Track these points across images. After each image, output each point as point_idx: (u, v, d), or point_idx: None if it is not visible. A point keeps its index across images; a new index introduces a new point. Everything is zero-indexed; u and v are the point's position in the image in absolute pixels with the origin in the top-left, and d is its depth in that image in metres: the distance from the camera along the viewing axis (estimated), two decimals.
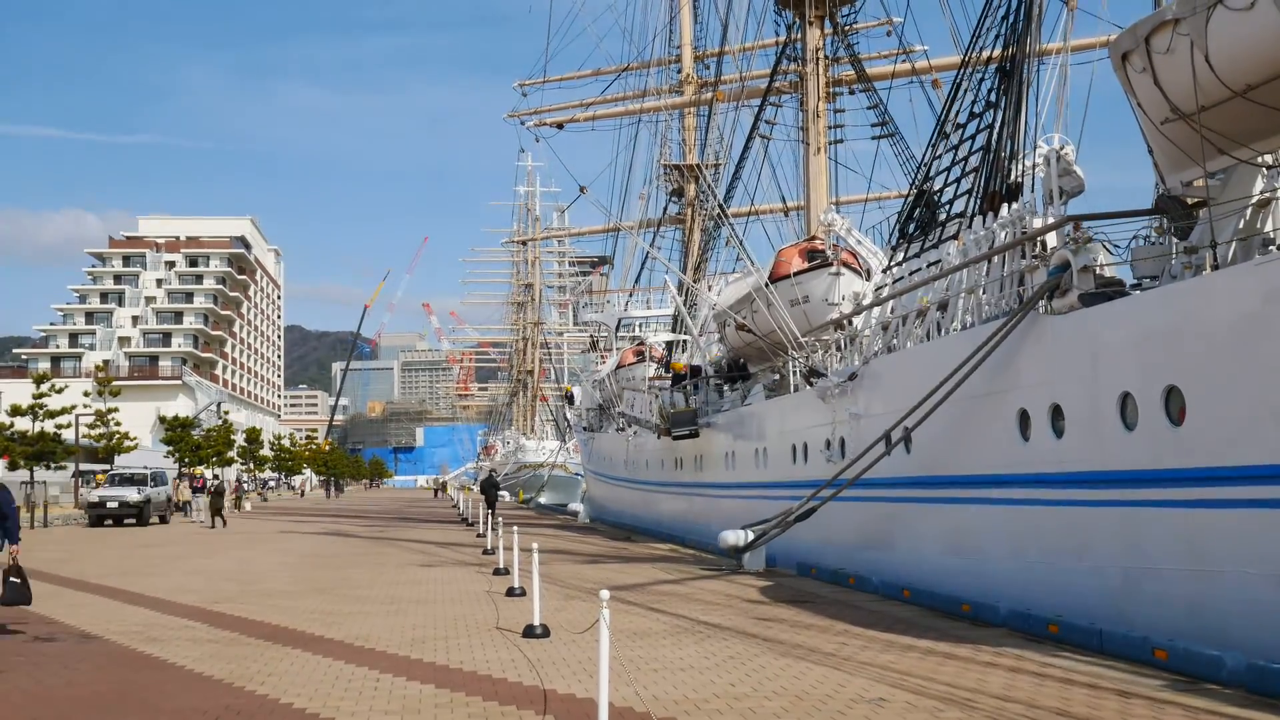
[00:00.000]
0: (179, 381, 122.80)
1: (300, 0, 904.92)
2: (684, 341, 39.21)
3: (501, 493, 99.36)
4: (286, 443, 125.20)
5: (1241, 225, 12.48)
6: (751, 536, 20.26)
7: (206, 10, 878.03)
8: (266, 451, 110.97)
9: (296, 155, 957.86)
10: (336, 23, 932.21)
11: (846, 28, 31.74)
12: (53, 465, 60.64)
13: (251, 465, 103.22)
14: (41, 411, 58.10)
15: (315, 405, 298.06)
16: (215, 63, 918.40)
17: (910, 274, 18.93)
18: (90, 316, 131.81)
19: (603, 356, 53.60)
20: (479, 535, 31.62)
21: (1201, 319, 10.93)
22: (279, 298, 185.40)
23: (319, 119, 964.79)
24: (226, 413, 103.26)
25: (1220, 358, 10.63)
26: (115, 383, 73.92)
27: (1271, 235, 12.38)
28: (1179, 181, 13.19)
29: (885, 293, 20.22)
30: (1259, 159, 12.36)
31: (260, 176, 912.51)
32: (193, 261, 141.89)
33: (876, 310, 20.50)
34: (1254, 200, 12.51)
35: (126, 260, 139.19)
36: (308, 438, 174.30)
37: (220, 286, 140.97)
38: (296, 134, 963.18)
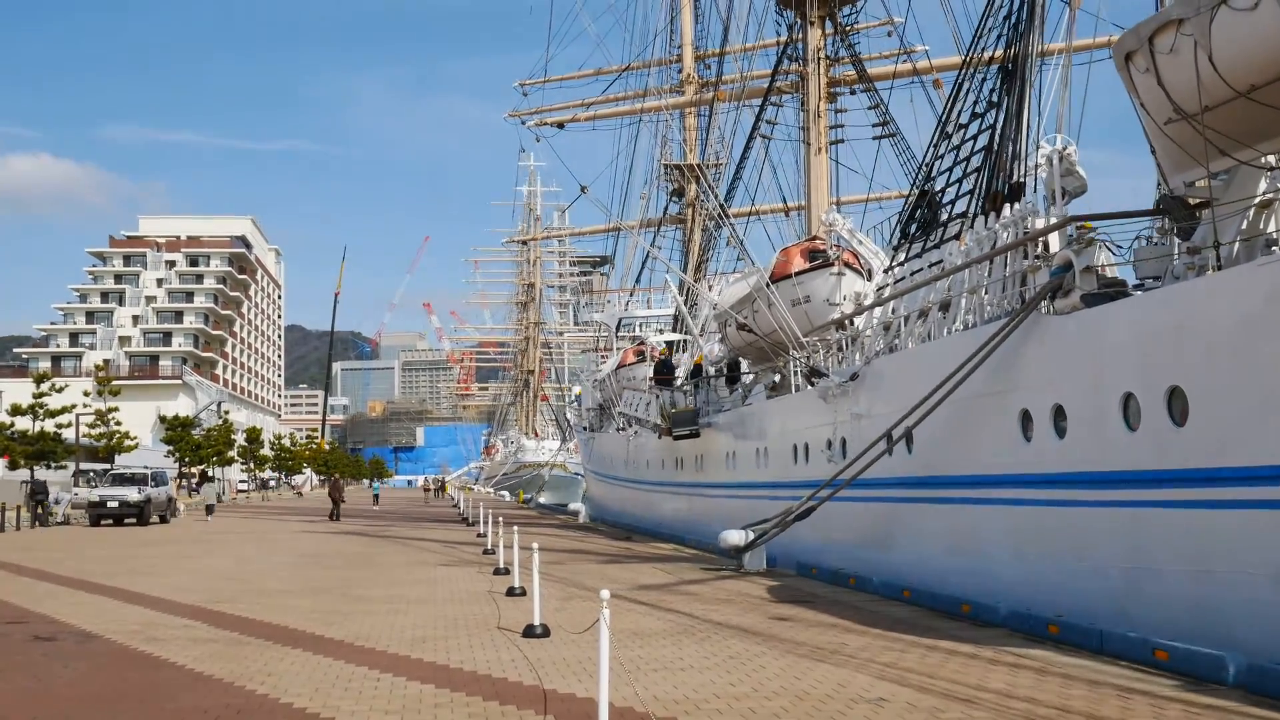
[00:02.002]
0: (179, 381, 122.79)
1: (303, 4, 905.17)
2: (685, 341, 39.19)
3: (502, 493, 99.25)
4: (287, 442, 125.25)
5: (1244, 226, 12.45)
6: (752, 536, 20.25)
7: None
8: (267, 451, 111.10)
9: (297, 154, 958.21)
10: (339, 26, 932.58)
11: (848, 28, 31.76)
12: (53, 465, 60.70)
13: (252, 464, 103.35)
14: (42, 411, 58.16)
15: (315, 405, 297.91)
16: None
17: (912, 274, 18.91)
18: (91, 316, 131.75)
19: (603, 356, 53.61)
20: (479, 535, 31.60)
21: (1204, 319, 10.90)
22: (279, 297, 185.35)
23: (320, 119, 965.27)
24: (227, 412, 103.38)
25: (1223, 358, 10.61)
26: (115, 382, 74.01)
27: (1274, 236, 12.35)
28: (1182, 182, 13.17)
29: (887, 293, 20.20)
30: (1262, 160, 12.34)
31: (261, 175, 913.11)
32: (193, 261, 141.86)
33: (878, 310, 20.48)
34: (1257, 201, 12.49)
35: (127, 260, 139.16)
36: (308, 437, 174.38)
37: (221, 286, 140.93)
38: (296, 134, 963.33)
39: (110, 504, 41.74)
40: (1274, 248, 12.04)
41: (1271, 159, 12.39)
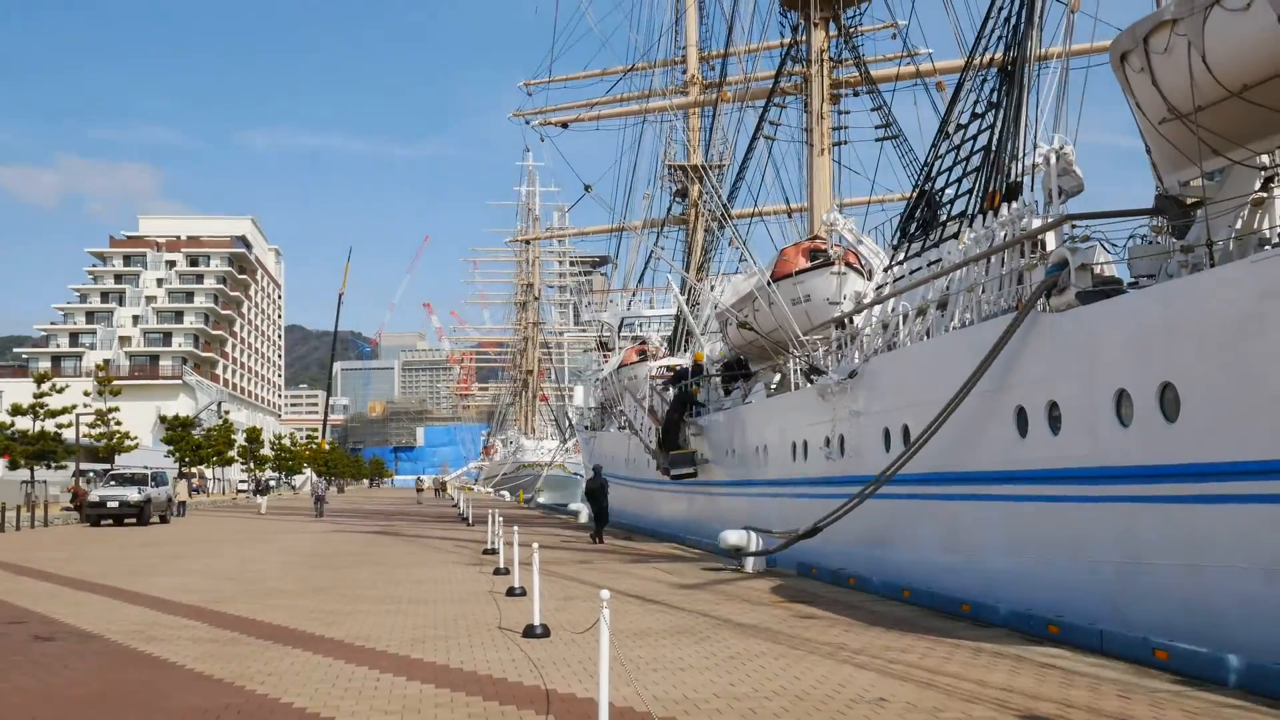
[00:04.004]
0: (179, 381, 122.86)
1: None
2: (686, 340, 39.22)
3: (502, 492, 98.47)
4: (287, 442, 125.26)
5: (1239, 225, 12.50)
6: (753, 536, 20.27)
7: None
8: (267, 451, 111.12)
9: (297, 153, 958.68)
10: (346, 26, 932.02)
11: (851, 30, 31.75)
12: (53, 465, 60.77)
13: (252, 464, 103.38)
14: (42, 411, 58.22)
15: (316, 405, 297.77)
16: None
17: (911, 273, 18.95)
18: (91, 316, 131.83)
19: (605, 355, 53.62)
20: (480, 535, 31.58)
21: (1197, 316, 10.96)
22: (279, 297, 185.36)
23: (321, 116, 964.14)
24: (227, 412, 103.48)
25: (1215, 355, 10.66)
26: (116, 382, 74.09)
27: (1267, 234, 12.40)
28: (1176, 181, 13.22)
29: (886, 291, 20.24)
30: (1255, 159, 12.39)
31: (260, 175, 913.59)
32: (193, 261, 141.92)
33: (877, 309, 20.52)
34: (1250, 199, 12.53)
35: (127, 260, 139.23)
36: (308, 437, 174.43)
37: (221, 286, 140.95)
38: (294, 132, 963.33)
39: (110, 504, 41.77)
40: (1267, 246, 12.08)
41: (1264, 158, 12.44)
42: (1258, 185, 12.49)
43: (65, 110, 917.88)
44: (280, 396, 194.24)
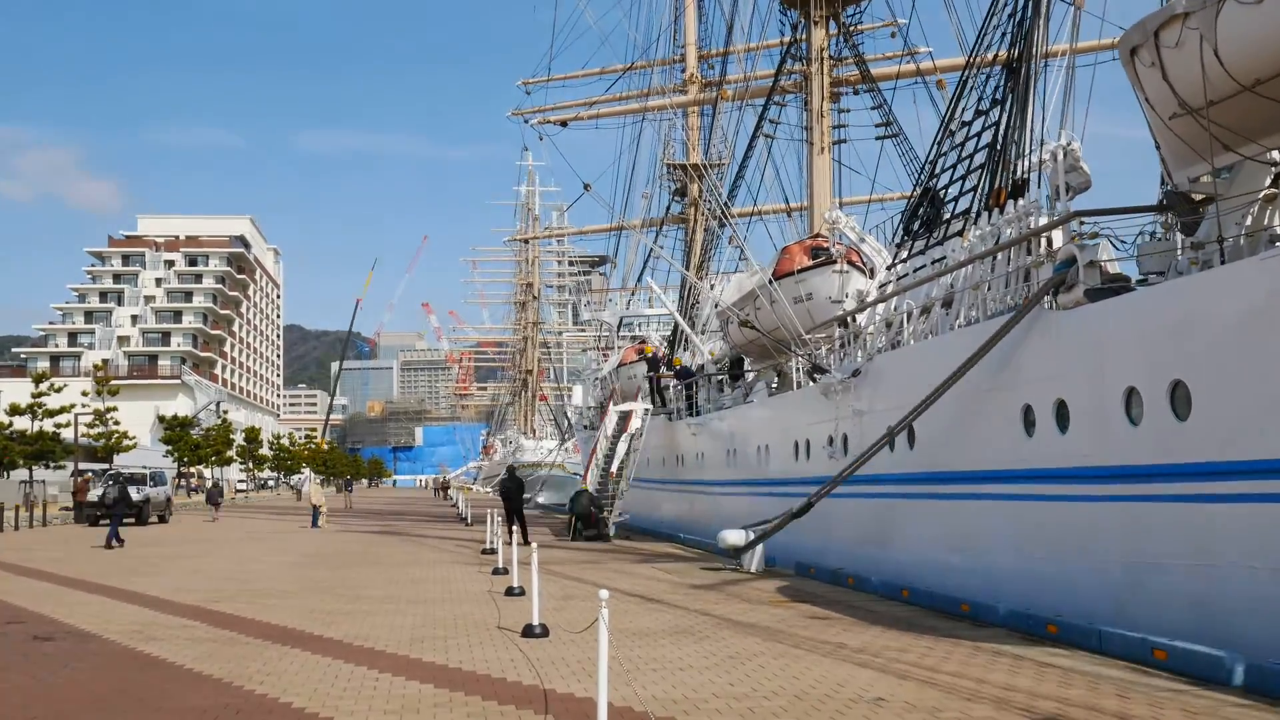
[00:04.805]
0: (178, 381, 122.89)
1: None
2: (686, 339, 39.17)
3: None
4: (286, 442, 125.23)
5: (1249, 222, 12.40)
6: (753, 536, 20.18)
7: None
8: (266, 451, 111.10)
9: (296, 153, 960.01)
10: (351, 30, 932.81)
11: (851, 28, 31.70)
12: (52, 464, 60.69)
13: (251, 464, 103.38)
14: (40, 411, 58.14)
15: (314, 404, 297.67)
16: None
17: (915, 270, 18.86)
18: (89, 316, 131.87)
19: (604, 354, 53.60)
20: (478, 534, 31.49)
21: (1207, 313, 10.86)
22: (278, 297, 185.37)
23: (319, 115, 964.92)
24: (226, 412, 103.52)
25: (1226, 352, 10.56)
26: (114, 382, 74.04)
27: (1278, 231, 12.30)
28: (1186, 178, 13.11)
29: (890, 289, 20.16)
30: (1267, 155, 12.28)
31: (260, 175, 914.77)
32: (192, 261, 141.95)
33: (880, 307, 20.43)
34: (1261, 196, 12.43)
35: (126, 259, 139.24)
36: (307, 437, 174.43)
37: (219, 286, 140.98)
38: (293, 132, 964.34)
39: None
40: (1278, 243, 11.98)
41: (1276, 154, 12.33)
42: (1269, 181, 12.38)
43: (59, 111, 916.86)
44: (279, 396, 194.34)
